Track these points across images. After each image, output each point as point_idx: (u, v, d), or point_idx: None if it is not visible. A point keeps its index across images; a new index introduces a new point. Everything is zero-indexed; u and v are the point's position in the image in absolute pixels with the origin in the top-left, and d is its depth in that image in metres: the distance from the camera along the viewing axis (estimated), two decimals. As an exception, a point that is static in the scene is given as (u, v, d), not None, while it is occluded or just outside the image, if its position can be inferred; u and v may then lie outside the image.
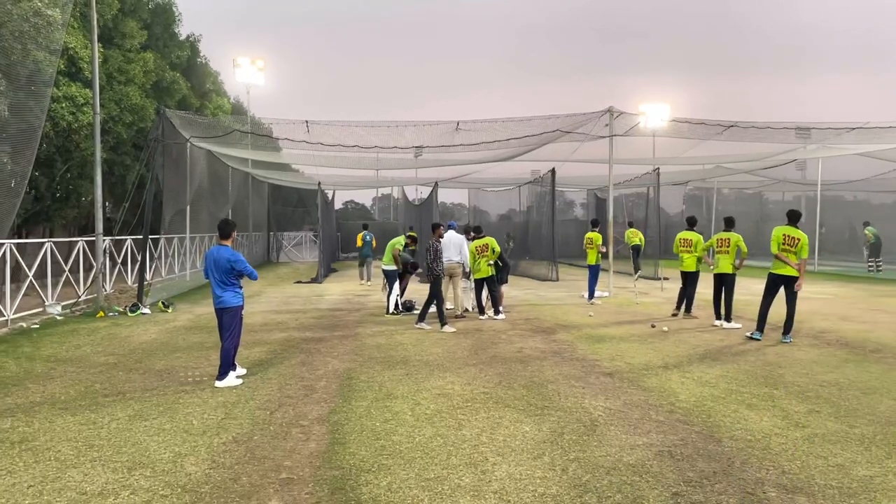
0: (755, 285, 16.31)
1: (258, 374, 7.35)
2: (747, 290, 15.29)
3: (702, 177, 29.30)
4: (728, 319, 10.81)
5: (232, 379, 6.93)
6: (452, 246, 11.68)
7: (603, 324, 11.29)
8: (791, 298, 9.45)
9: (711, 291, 11.10)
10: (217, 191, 22.77)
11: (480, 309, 12.21)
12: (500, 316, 11.88)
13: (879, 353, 8.56)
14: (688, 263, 11.88)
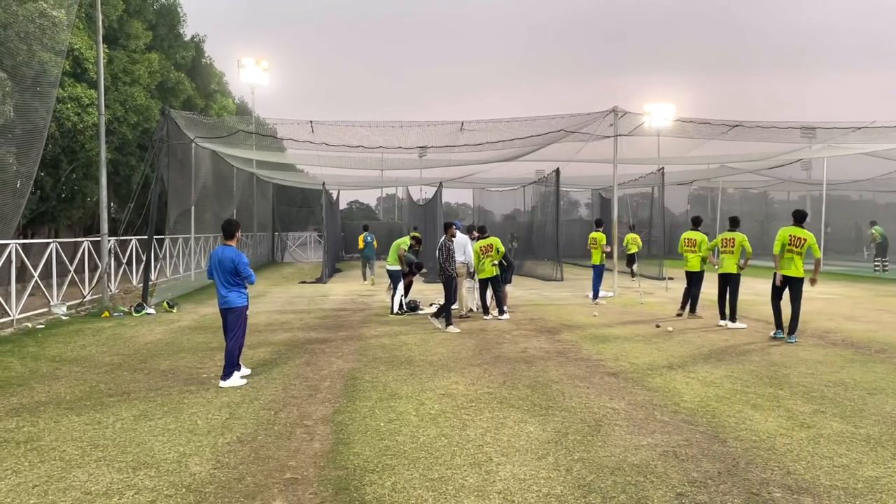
0: (760, 285, 16.30)
1: (263, 375, 7.37)
2: (752, 290, 15.27)
3: (706, 176, 29.22)
4: (733, 319, 10.78)
5: (236, 379, 6.95)
6: (456, 246, 11.68)
7: (607, 324, 11.27)
8: (795, 299, 9.46)
9: (716, 291, 11.06)
10: (222, 191, 22.81)
11: (485, 309, 12.21)
12: (505, 316, 11.88)
13: (885, 353, 8.52)
14: (692, 263, 11.86)
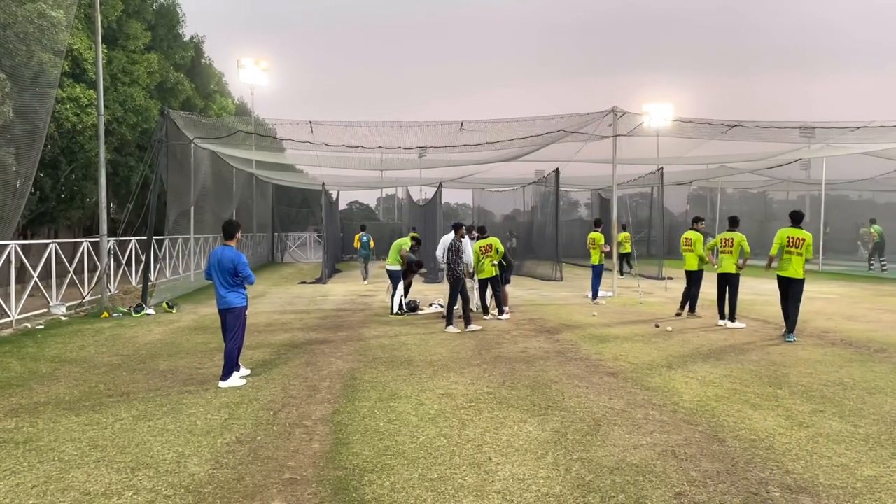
0: (760, 285, 16.32)
1: (262, 375, 7.36)
2: (752, 290, 15.28)
3: (706, 176, 29.24)
4: (732, 319, 10.78)
5: (236, 379, 6.95)
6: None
7: (607, 324, 11.27)
8: (795, 300, 9.54)
9: (716, 291, 11.07)
10: (221, 191, 22.80)
11: (485, 309, 12.21)
12: (504, 316, 11.88)
13: (884, 353, 8.53)
14: (689, 262, 11.89)
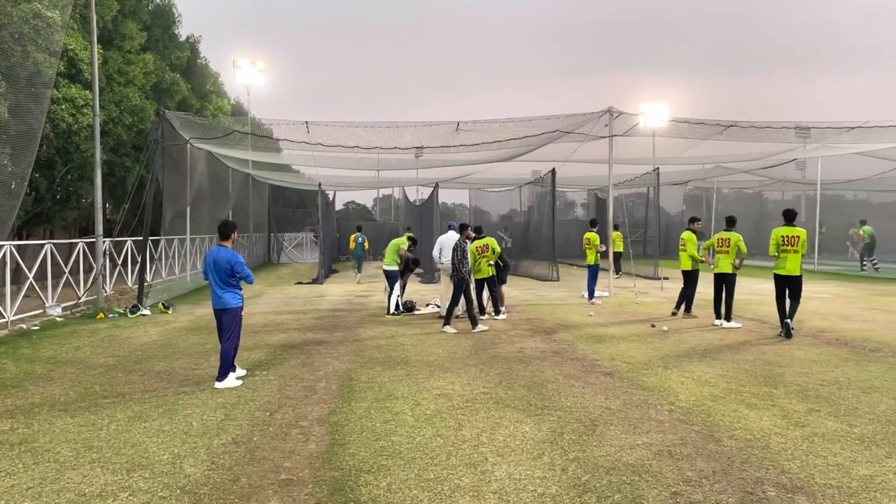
0: (756, 285, 16.36)
1: (258, 376, 7.35)
2: (748, 290, 15.31)
3: (702, 176, 29.28)
4: (728, 319, 10.81)
5: (232, 380, 6.93)
6: (449, 245, 11.67)
7: (603, 324, 11.28)
8: (795, 297, 9.81)
9: (712, 291, 11.10)
10: (217, 192, 22.76)
11: (481, 309, 12.21)
12: (501, 316, 11.89)
13: (879, 353, 8.56)
14: (684, 262, 11.95)
